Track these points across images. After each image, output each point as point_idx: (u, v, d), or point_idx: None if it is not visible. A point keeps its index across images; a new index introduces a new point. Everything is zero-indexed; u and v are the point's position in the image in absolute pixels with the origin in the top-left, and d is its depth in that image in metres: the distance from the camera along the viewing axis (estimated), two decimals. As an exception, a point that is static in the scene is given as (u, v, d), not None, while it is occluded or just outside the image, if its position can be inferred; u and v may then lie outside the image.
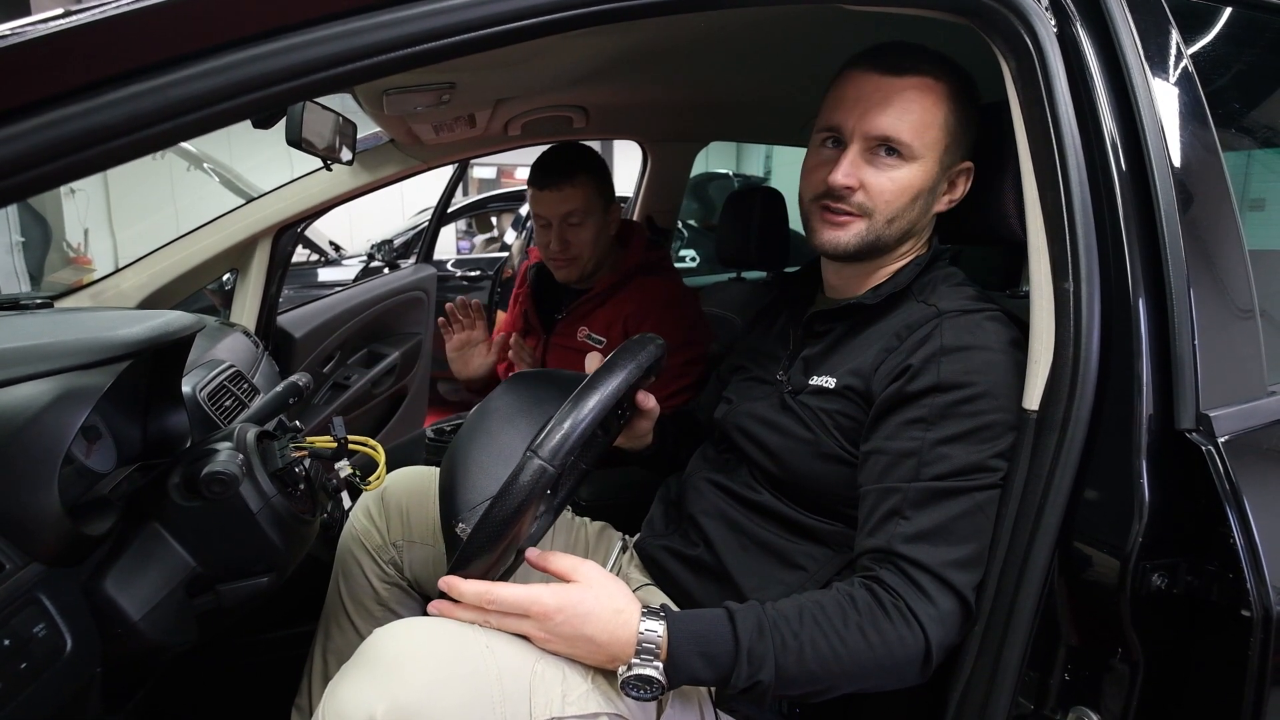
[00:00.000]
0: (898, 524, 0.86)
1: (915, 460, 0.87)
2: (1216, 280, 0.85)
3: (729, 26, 1.25)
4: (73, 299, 1.80)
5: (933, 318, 0.94)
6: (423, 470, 1.34)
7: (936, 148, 0.96)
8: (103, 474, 0.93)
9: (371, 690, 0.74)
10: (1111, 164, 0.82)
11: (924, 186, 0.97)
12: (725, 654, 0.80)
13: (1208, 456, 0.76)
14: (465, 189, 7.67)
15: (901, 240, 1.01)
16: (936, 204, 1.01)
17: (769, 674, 0.80)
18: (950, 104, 0.96)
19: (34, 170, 0.50)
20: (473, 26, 0.65)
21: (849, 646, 0.81)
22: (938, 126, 0.96)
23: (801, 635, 0.81)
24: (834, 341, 1.03)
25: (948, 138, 0.97)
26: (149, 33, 0.55)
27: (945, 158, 0.98)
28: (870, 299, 1.00)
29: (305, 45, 0.60)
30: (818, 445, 0.97)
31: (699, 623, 0.82)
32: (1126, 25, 0.85)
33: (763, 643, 0.80)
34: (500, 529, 0.80)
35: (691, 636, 0.80)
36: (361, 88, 1.30)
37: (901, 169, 0.96)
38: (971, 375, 0.87)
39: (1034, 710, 0.82)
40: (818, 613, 0.82)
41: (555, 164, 1.70)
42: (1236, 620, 0.73)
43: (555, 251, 1.73)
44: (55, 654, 0.75)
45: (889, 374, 0.92)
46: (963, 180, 1.02)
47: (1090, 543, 0.79)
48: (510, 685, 0.79)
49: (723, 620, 0.82)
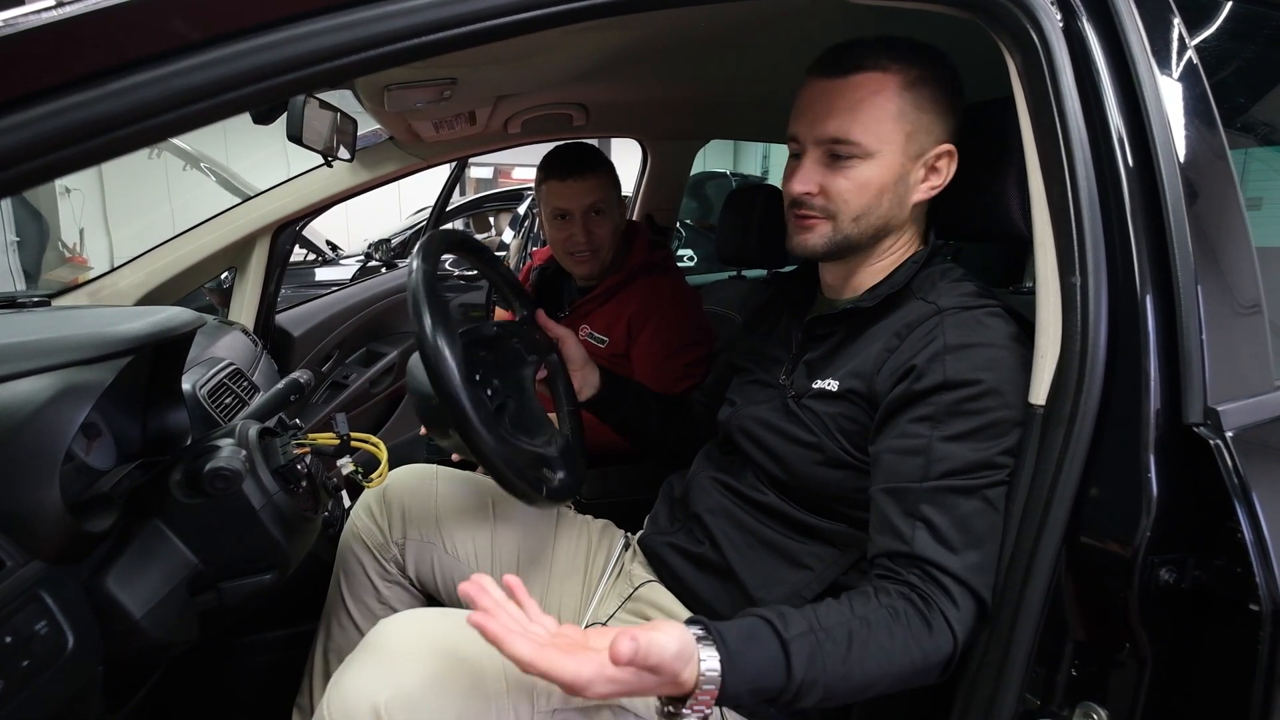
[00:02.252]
0: (916, 526, 0.85)
1: (923, 459, 0.86)
2: (1223, 274, 0.84)
3: (731, 23, 1.24)
4: (70, 297, 1.80)
5: (933, 315, 0.93)
6: (424, 468, 1.34)
7: (894, 139, 0.95)
8: (103, 471, 0.92)
9: (376, 680, 0.76)
10: (1118, 158, 0.82)
11: (887, 180, 0.96)
12: (775, 688, 0.76)
13: (1216, 450, 0.75)
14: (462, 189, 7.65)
15: (879, 236, 1.00)
16: (913, 194, 0.99)
17: (813, 700, 0.77)
18: (906, 93, 0.95)
19: (38, 160, 0.50)
20: (476, 18, 0.65)
21: (894, 660, 0.79)
22: (891, 119, 0.94)
23: (850, 658, 0.78)
24: (835, 345, 1.03)
25: (908, 126, 0.95)
26: (153, 22, 0.54)
27: (910, 147, 0.96)
28: (868, 301, 1.00)
29: (309, 36, 0.59)
30: (822, 449, 0.97)
31: (753, 655, 0.75)
32: (1132, 19, 0.85)
33: (812, 671, 0.76)
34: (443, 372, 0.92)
35: (745, 675, 0.74)
36: (362, 83, 1.30)
37: (859, 167, 0.95)
38: (977, 372, 0.87)
39: (1041, 706, 0.82)
40: (865, 632, 0.79)
41: (575, 156, 1.70)
42: (1245, 614, 0.72)
43: (580, 244, 1.71)
44: (57, 652, 0.74)
45: (892, 374, 0.91)
46: (945, 164, 0.99)
47: (1098, 538, 0.79)
48: (513, 676, 0.80)
49: (775, 649, 0.76)
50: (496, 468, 0.95)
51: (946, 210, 1.05)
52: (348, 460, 1.12)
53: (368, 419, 2.57)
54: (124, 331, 0.87)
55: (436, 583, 1.26)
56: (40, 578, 0.75)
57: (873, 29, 1.01)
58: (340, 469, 1.11)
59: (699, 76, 1.65)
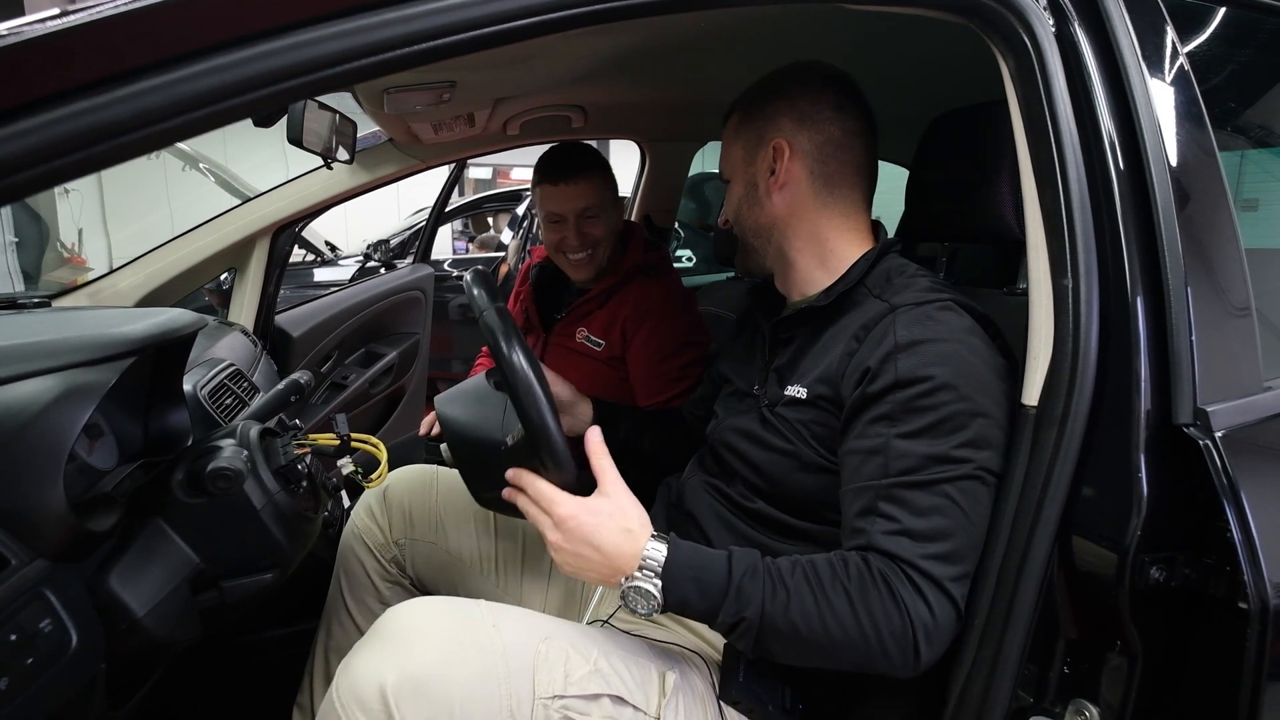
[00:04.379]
0: (874, 522, 0.86)
1: (882, 457, 0.87)
2: (1213, 276, 0.85)
3: (729, 26, 1.25)
4: (70, 298, 1.80)
5: (886, 314, 0.93)
6: (424, 469, 1.35)
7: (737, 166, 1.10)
8: (105, 471, 0.93)
9: (383, 661, 0.79)
10: (1109, 162, 0.83)
11: (740, 193, 1.09)
12: (717, 586, 0.84)
13: (1205, 451, 0.76)
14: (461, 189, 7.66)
15: (765, 237, 1.07)
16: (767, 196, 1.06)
17: (754, 613, 0.83)
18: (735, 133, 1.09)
19: (45, 165, 0.51)
20: (475, 25, 0.66)
21: (834, 607, 0.82)
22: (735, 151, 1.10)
23: (790, 585, 0.84)
24: (799, 349, 1.03)
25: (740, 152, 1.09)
26: (158, 29, 0.55)
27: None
28: (822, 300, 1.00)
29: (311, 43, 0.60)
30: (799, 456, 0.97)
31: (699, 555, 0.87)
32: (1124, 24, 0.86)
33: (753, 583, 0.84)
34: (541, 421, 0.87)
35: (689, 564, 0.85)
36: (362, 86, 1.30)
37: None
38: (928, 368, 0.86)
39: (1033, 703, 0.83)
40: (809, 569, 0.85)
41: (568, 159, 1.69)
42: (1234, 613, 0.73)
43: (574, 247, 1.70)
44: (60, 650, 0.75)
45: (852, 377, 0.92)
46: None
47: (1089, 537, 0.79)
48: (515, 662, 0.83)
49: (720, 556, 0.87)
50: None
51: (941, 213, 1.06)
52: (348, 460, 1.12)
53: (367, 419, 2.57)
54: (126, 333, 0.88)
55: (437, 582, 1.27)
56: (44, 576, 0.75)
57: (868, 32, 1.03)
58: (340, 469, 1.12)
59: (697, 78, 1.65)
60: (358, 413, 2.47)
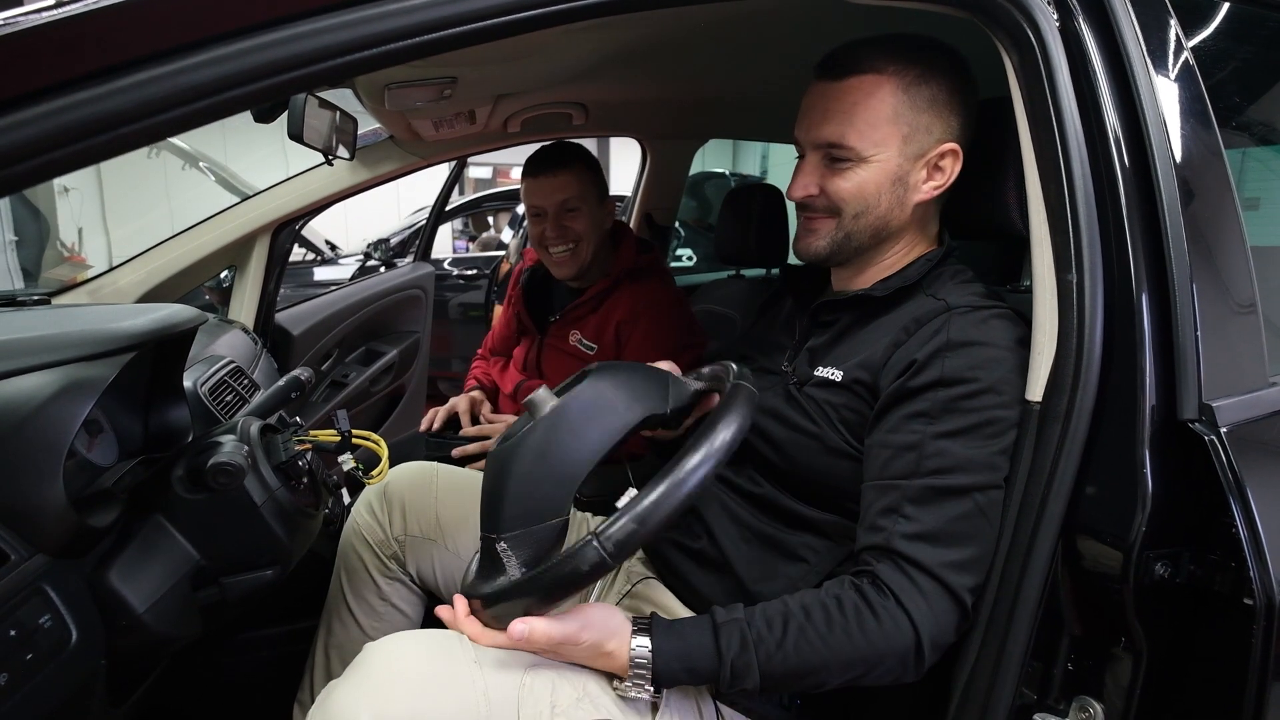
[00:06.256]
0: (897, 521, 0.86)
1: (915, 454, 0.87)
2: (1218, 272, 0.85)
3: (730, 21, 1.25)
4: (70, 295, 1.79)
5: (941, 312, 0.93)
6: (425, 465, 1.34)
7: (890, 142, 0.95)
8: (105, 467, 0.93)
9: (358, 702, 0.76)
10: (1114, 157, 0.83)
11: (884, 182, 0.97)
12: (708, 669, 0.83)
13: (1210, 446, 0.76)
14: (461, 188, 7.65)
15: (880, 235, 1.00)
16: (914, 195, 0.99)
17: (753, 681, 0.83)
18: (903, 94, 0.95)
19: (45, 156, 0.50)
20: (476, 17, 0.66)
21: (832, 649, 0.82)
22: (886, 121, 0.95)
23: (785, 644, 0.83)
24: (840, 332, 1.03)
25: (906, 128, 0.95)
26: (160, 19, 0.55)
27: (908, 148, 0.96)
28: (879, 291, 1.00)
29: (313, 34, 0.60)
30: (822, 439, 0.97)
31: (683, 641, 0.84)
32: (1128, 19, 0.86)
33: (745, 655, 0.82)
34: (535, 598, 0.79)
35: (677, 655, 0.83)
36: (363, 82, 1.30)
37: (856, 170, 0.96)
38: (975, 371, 0.87)
39: (1037, 700, 0.82)
40: (803, 620, 0.84)
41: (549, 154, 1.71)
42: (1239, 609, 0.73)
43: (553, 240, 1.71)
44: (60, 645, 0.75)
45: (895, 368, 0.92)
46: (949, 164, 0.98)
47: (1093, 533, 0.79)
48: (497, 698, 0.80)
49: (705, 632, 0.84)
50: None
51: (947, 208, 1.06)
52: (348, 457, 1.12)
53: (367, 417, 2.57)
54: (126, 328, 0.88)
55: (437, 579, 1.27)
56: (44, 572, 0.75)
57: (871, 28, 1.02)
58: (341, 466, 1.12)
59: (698, 75, 1.65)
60: (358, 411, 2.47)
